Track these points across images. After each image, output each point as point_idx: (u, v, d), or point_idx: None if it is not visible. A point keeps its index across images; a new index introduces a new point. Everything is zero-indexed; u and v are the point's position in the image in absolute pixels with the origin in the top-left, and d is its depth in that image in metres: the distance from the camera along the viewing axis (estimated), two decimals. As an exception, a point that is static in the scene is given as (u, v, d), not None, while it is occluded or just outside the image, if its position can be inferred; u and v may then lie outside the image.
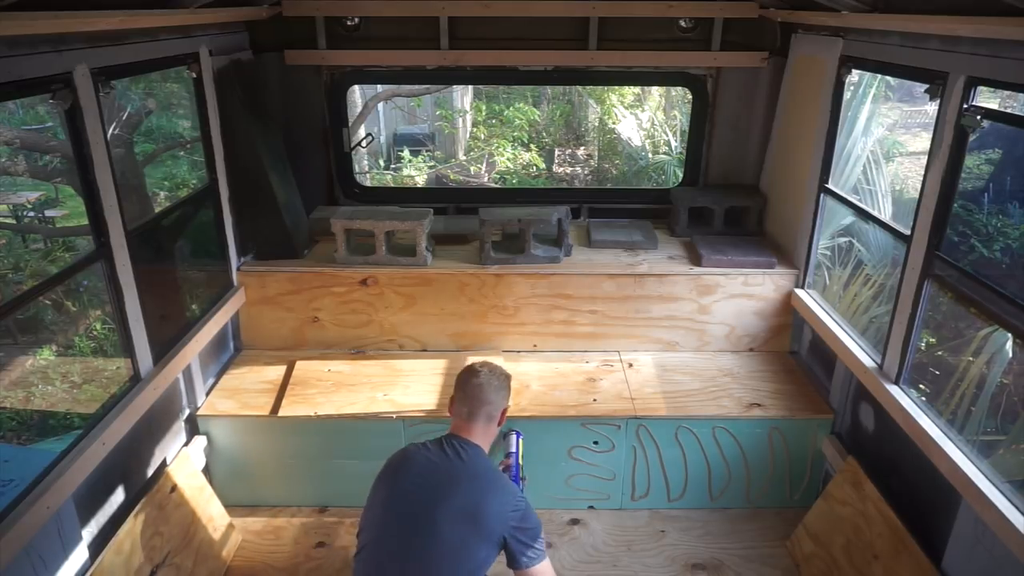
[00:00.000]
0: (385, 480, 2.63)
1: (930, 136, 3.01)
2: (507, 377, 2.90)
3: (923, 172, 3.03)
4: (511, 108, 14.24)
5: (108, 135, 2.98)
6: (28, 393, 7.33)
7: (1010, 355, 5.00)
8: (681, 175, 5.56)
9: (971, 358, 5.13)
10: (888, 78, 6.54)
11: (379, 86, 10.34)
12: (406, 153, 13.95)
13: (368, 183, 11.08)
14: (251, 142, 4.13)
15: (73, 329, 8.30)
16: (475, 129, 15.73)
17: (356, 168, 6.04)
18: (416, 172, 13.28)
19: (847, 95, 4.29)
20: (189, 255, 4.39)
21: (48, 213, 11.69)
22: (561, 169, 15.68)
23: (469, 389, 2.75)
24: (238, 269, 4.31)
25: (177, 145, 11.08)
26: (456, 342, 4.47)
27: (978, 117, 2.74)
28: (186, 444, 3.72)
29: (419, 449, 2.67)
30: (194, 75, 3.75)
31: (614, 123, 13.75)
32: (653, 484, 3.97)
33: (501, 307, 4.41)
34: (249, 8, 4.13)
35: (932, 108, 3.01)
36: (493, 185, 13.37)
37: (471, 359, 4.30)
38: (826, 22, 3.77)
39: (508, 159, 13.84)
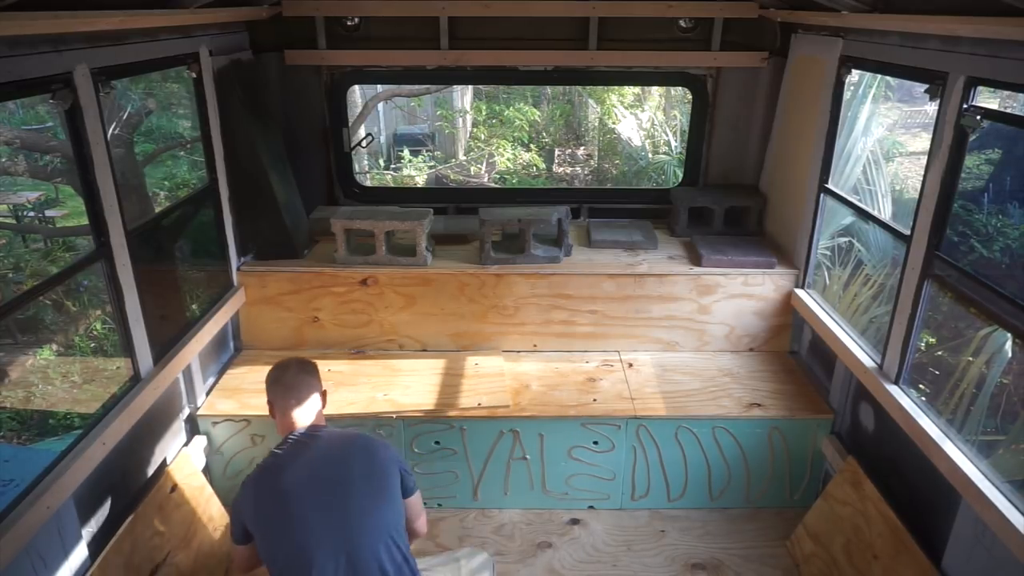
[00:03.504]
0: (270, 495, 2.52)
1: (930, 136, 3.01)
2: (313, 363, 2.89)
3: (923, 172, 3.03)
4: (511, 108, 14.26)
5: (108, 135, 2.98)
6: (28, 393, 7.34)
7: (1009, 355, 5.00)
8: (681, 175, 5.56)
9: (971, 358, 5.13)
10: (888, 78, 6.54)
11: (379, 86, 10.34)
12: (406, 153, 13.96)
13: (368, 183, 11.08)
14: (251, 142, 4.13)
15: (73, 329, 8.31)
16: (475, 129, 15.74)
17: (356, 168, 6.04)
18: (416, 172, 13.30)
19: (847, 95, 4.29)
20: (189, 255, 4.39)
21: (48, 213, 11.72)
22: (561, 169, 15.68)
23: (288, 380, 2.73)
24: (238, 269, 4.31)
25: (177, 145, 11.09)
26: (456, 342, 4.47)
27: (978, 117, 2.74)
28: (186, 444, 3.73)
29: (280, 455, 2.60)
30: (194, 75, 3.76)
31: (614, 123, 13.76)
32: (653, 484, 3.98)
33: (501, 307, 4.41)
34: (249, 8, 4.13)
35: (932, 108, 3.02)
36: (493, 185, 13.38)
37: (470, 358, 4.33)
38: (826, 22, 3.77)
39: (508, 159, 13.86)
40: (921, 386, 5.74)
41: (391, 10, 4.57)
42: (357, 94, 10.62)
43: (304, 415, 2.72)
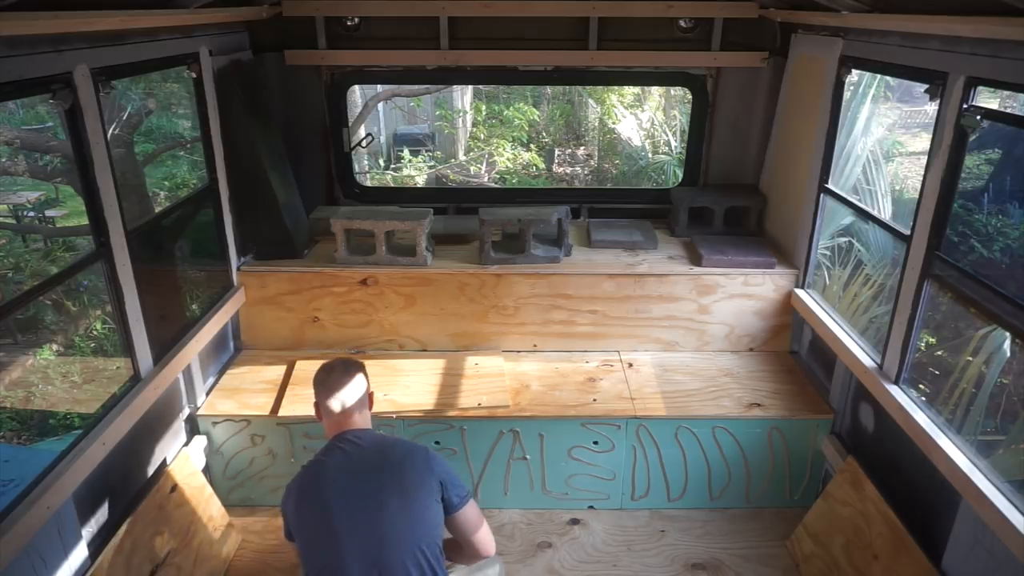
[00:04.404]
0: (308, 501, 2.56)
1: (930, 136, 3.01)
2: (359, 363, 2.88)
3: (923, 172, 3.03)
4: (511, 108, 14.26)
5: (108, 135, 2.98)
6: (28, 393, 7.34)
7: (1008, 354, 5.00)
8: (681, 175, 5.56)
9: (970, 358, 5.13)
10: (888, 78, 6.55)
11: (379, 86, 10.34)
12: (406, 153, 13.96)
13: (368, 183, 11.08)
14: (251, 142, 4.13)
15: (73, 329, 8.31)
16: (475, 129, 15.74)
17: (356, 168, 6.04)
18: (416, 172, 13.29)
19: (847, 95, 4.29)
20: (189, 255, 4.39)
21: (48, 213, 11.71)
22: (561, 169, 15.68)
23: (332, 383, 2.72)
24: (238, 269, 4.31)
25: (177, 145, 11.09)
26: (456, 342, 4.47)
27: (978, 117, 2.74)
28: (186, 444, 3.73)
29: (322, 461, 2.63)
30: (194, 75, 3.76)
31: (614, 123, 13.76)
32: (653, 484, 3.98)
33: (501, 307, 4.41)
34: (249, 8, 4.13)
35: (932, 108, 3.01)
36: (493, 185, 13.38)
37: (470, 358, 4.33)
38: (826, 22, 3.77)
39: (508, 159, 13.85)
40: (921, 386, 5.74)
41: (391, 10, 4.57)
42: (357, 94, 10.61)
43: (348, 417, 2.71)
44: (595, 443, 3.88)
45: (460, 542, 2.72)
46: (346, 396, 2.71)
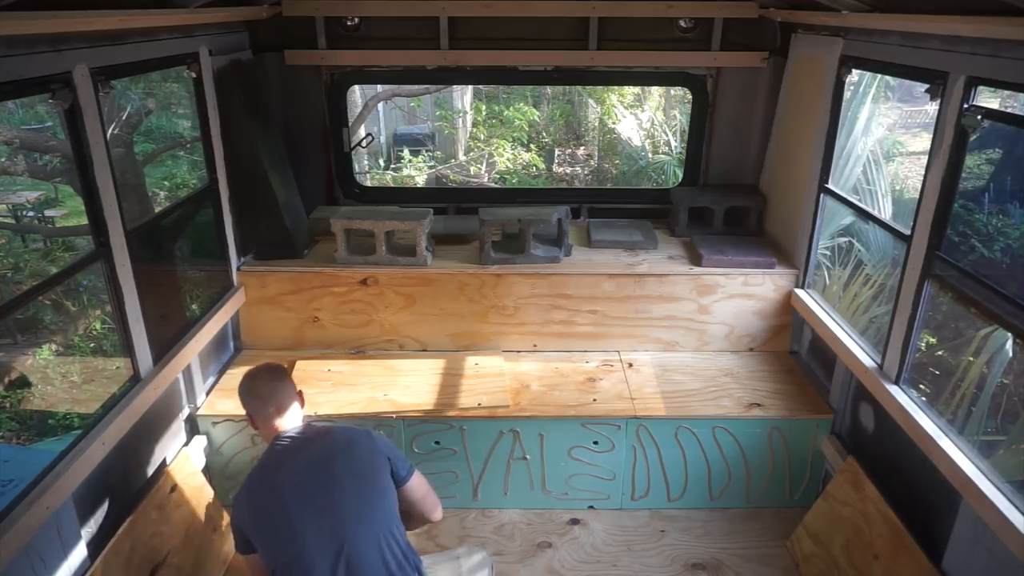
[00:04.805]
0: (262, 502, 2.57)
1: (930, 136, 3.01)
2: (281, 366, 2.99)
3: (923, 172, 3.03)
4: (511, 108, 14.27)
5: (108, 135, 2.98)
6: (28, 392, 7.33)
7: (1010, 355, 5.00)
8: (681, 175, 5.56)
9: (971, 358, 5.13)
10: (888, 78, 6.55)
11: (379, 86, 10.34)
12: (406, 153, 13.96)
13: (368, 183, 11.08)
14: (251, 142, 4.13)
15: (73, 329, 8.31)
16: (475, 129, 15.74)
17: (356, 168, 6.04)
18: (416, 172, 13.29)
19: (847, 95, 4.29)
20: (189, 255, 4.39)
21: (48, 213, 11.71)
22: (561, 169, 15.68)
23: (264, 391, 2.76)
24: (238, 269, 4.31)
25: (177, 145, 11.10)
26: (456, 342, 4.47)
27: (978, 117, 2.74)
28: (186, 444, 3.72)
29: (266, 464, 2.65)
30: (194, 75, 3.76)
31: (614, 123, 13.76)
32: (653, 484, 3.98)
33: (501, 307, 4.41)
34: (249, 8, 4.13)
35: (932, 108, 3.01)
36: (493, 185, 13.38)
37: (470, 358, 4.33)
38: (826, 22, 3.77)
39: (508, 159, 13.85)
40: (921, 386, 5.74)
41: (391, 10, 4.57)
42: (357, 94, 10.61)
43: (286, 421, 2.75)
44: (595, 443, 3.88)
45: (409, 511, 2.77)
46: (281, 399, 2.75)
